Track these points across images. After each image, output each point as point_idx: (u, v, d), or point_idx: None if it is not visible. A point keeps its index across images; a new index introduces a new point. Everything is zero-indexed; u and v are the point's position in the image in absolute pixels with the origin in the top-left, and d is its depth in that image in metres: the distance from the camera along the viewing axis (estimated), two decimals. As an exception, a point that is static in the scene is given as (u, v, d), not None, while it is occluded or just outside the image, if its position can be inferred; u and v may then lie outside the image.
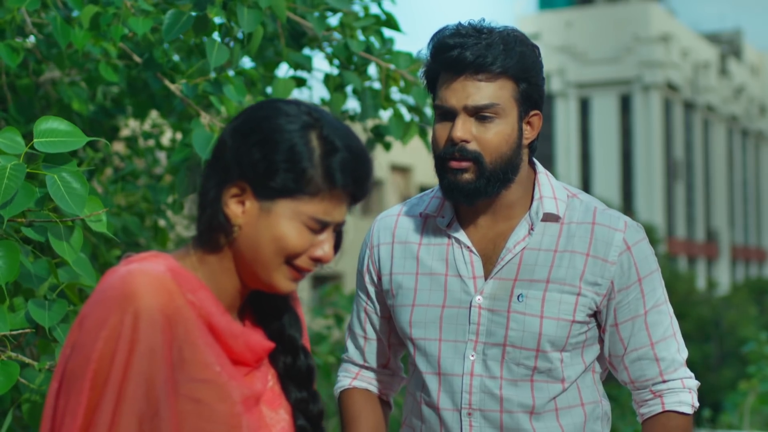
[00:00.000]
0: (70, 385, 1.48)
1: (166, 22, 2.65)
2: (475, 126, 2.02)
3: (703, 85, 48.62)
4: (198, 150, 2.60)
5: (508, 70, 2.01)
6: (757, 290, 34.28)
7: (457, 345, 2.09)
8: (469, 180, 2.02)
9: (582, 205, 2.12)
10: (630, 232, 2.09)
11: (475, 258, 2.10)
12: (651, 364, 2.11)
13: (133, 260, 1.55)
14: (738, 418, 8.16)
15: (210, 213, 1.55)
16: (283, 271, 1.57)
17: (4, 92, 3.22)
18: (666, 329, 2.12)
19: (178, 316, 1.50)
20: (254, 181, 1.53)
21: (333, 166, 1.53)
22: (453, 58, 2.00)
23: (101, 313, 1.48)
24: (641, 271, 2.09)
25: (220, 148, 1.58)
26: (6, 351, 2.14)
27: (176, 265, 1.56)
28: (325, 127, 1.55)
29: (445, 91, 2.03)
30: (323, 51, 3.26)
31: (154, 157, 4.54)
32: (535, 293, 2.06)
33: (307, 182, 1.53)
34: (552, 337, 2.05)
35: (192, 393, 1.50)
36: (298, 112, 1.56)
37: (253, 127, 1.55)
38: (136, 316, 1.47)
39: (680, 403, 2.10)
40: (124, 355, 1.46)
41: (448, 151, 2.03)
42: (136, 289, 1.48)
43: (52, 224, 2.05)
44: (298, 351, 1.68)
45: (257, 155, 1.53)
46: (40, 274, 2.21)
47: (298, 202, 1.53)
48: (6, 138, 1.99)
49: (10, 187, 1.89)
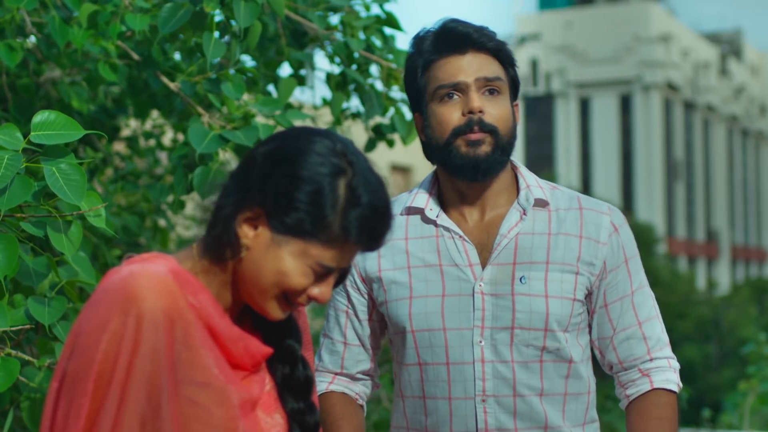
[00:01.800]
0: (73, 387, 1.48)
1: (163, 15, 2.65)
2: (486, 100, 2.09)
3: (704, 85, 48.64)
4: (194, 144, 2.59)
5: (501, 52, 2.12)
6: (758, 290, 34.29)
7: (463, 333, 2.10)
8: (487, 152, 2.07)
9: (564, 195, 2.19)
10: (615, 215, 2.17)
11: (468, 246, 2.12)
12: (639, 343, 2.15)
13: (135, 261, 1.55)
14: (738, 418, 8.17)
15: (221, 228, 1.55)
16: (277, 302, 1.57)
17: (4, 92, 3.22)
18: (650, 309, 2.18)
19: (180, 317, 1.50)
20: (272, 212, 1.52)
21: (351, 221, 1.52)
22: (459, 34, 2.10)
23: (103, 314, 1.48)
24: (628, 252, 2.17)
25: (249, 166, 1.56)
26: (6, 348, 2.13)
27: (178, 266, 1.56)
28: (356, 177, 1.53)
29: (449, 69, 2.09)
30: (324, 50, 3.25)
31: (155, 157, 4.54)
32: (536, 274, 2.09)
33: (323, 229, 1.51)
34: (558, 316, 2.09)
35: (191, 395, 1.50)
36: (333, 152, 1.54)
37: (286, 157, 1.53)
38: (139, 318, 1.47)
39: (668, 381, 2.15)
40: (127, 356, 1.46)
41: (466, 125, 2.08)
42: (138, 291, 1.48)
43: (51, 219, 2.05)
44: (296, 361, 1.68)
45: (282, 188, 1.51)
46: (40, 271, 2.21)
47: (309, 245, 1.52)
48: (5, 134, 1.99)
49: (6, 176, 1.89)
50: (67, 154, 1.98)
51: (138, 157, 4.43)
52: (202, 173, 2.65)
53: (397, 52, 3.10)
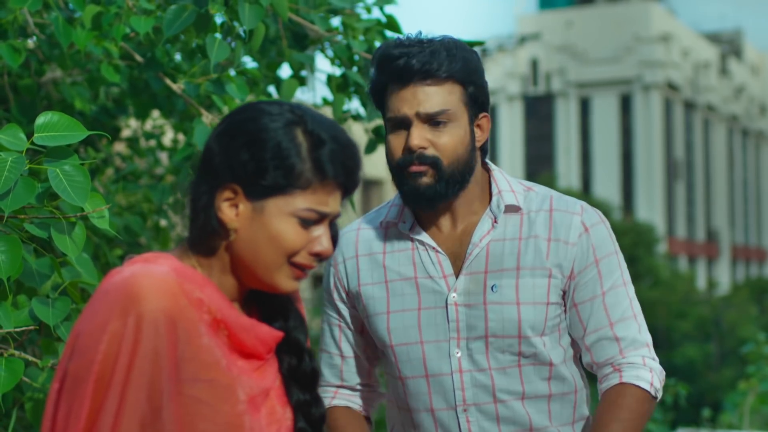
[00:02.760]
0: (73, 388, 1.48)
1: (167, 17, 2.66)
2: (430, 132, 2.04)
3: (704, 85, 48.64)
4: (200, 145, 2.61)
5: (455, 74, 2.05)
6: (757, 290, 34.29)
7: (440, 345, 2.11)
8: (429, 183, 2.05)
9: (538, 196, 2.16)
10: (587, 215, 2.13)
11: (442, 257, 2.12)
12: (611, 344, 2.11)
13: (136, 261, 1.56)
14: (738, 418, 8.16)
15: (204, 219, 1.56)
16: (285, 271, 1.57)
17: (6, 92, 3.23)
18: (625, 310, 2.12)
19: (182, 317, 1.50)
20: (245, 182, 1.54)
21: (322, 159, 1.54)
22: (400, 67, 2.03)
23: (104, 315, 1.48)
24: (598, 253, 2.12)
25: (208, 154, 1.58)
26: (9, 349, 2.14)
27: (179, 264, 1.56)
28: (310, 122, 1.56)
29: (395, 101, 2.06)
30: (324, 52, 3.26)
31: (156, 157, 4.55)
32: (507, 282, 2.09)
33: (297, 176, 1.53)
34: (531, 322, 2.08)
35: (196, 393, 1.51)
36: (280, 110, 1.57)
37: (239, 129, 1.56)
38: (139, 319, 1.47)
39: (638, 378, 2.09)
40: (127, 357, 1.46)
41: (406, 159, 2.05)
42: (139, 292, 1.48)
43: (55, 220, 2.06)
44: (303, 353, 1.68)
45: (245, 156, 1.54)
46: (43, 272, 2.21)
47: (290, 198, 1.54)
48: (8, 135, 1.99)
49: (9, 178, 1.89)
50: (71, 155, 1.99)
51: (139, 157, 4.44)
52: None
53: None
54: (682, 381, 6.74)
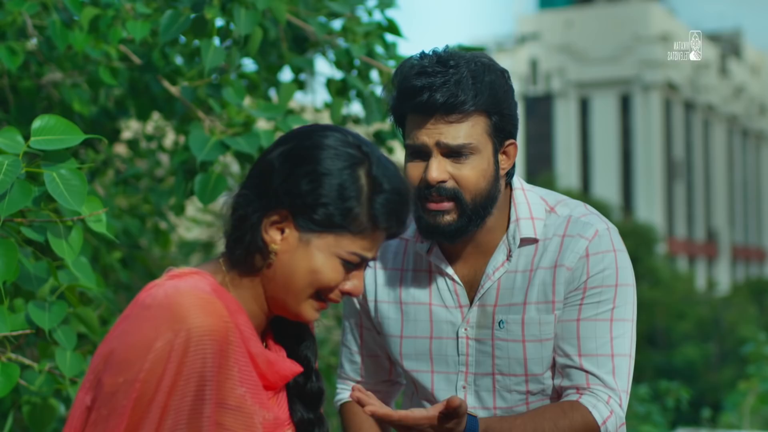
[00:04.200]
0: (109, 404, 1.45)
1: (164, 22, 2.66)
2: (450, 164, 1.94)
3: (703, 85, 48.61)
4: (195, 152, 2.60)
5: (480, 106, 1.93)
6: (757, 290, 34.24)
7: (449, 376, 2.08)
8: (451, 221, 1.95)
9: (558, 219, 2.04)
10: (597, 241, 2.01)
11: (458, 287, 2.06)
12: (579, 374, 1.99)
13: (175, 276, 1.53)
14: (738, 418, 8.15)
15: (251, 238, 1.54)
16: (311, 302, 1.57)
17: (5, 94, 3.22)
18: (600, 346, 1.98)
19: (225, 339, 1.48)
20: (299, 211, 1.53)
21: (379, 208, 1.54)
22: (423, 102, 1.91)
23: (148, 331, 1.45)
24: (590, 282, 1.99)
25: (268, 171, 1.55)
26: (6, 352, 2.13)
27: (218, 285, 1.54)
28: (374, 165, 1.55)
29: (416, 131, 1.95)
30: (325, 56, 3.26)
31: (156, 159, 4.54)
32: (514, 317, 2.02)
33: (352, 221, 1.53)
34: (537, 360, 2.02)
35: (222, 419, 1.49)
36: (348, 145, 1.55)
37: (304, 157, 1.54)
38: (187, 340, 1.44)
39: (595, 407, 1.96)
40: (171, 379, 1.44)
41: (424, 192, 1.95)
42: (186, 310, 1.45)
43: (52, 224, 2.05)
44: (311, 373, 1.68)
45: (306, 187, 1.52)
46: (41, 275, 2.20)
47: (340, 238, 1.54)
48: (6, 137, 1.98)
49: (5, 181, 1.88)
50: (68, 159, 1.98)
51: (139, 159, 4.43)
52: (203, 180, 2.65)
53: (398, 59, 3.10)
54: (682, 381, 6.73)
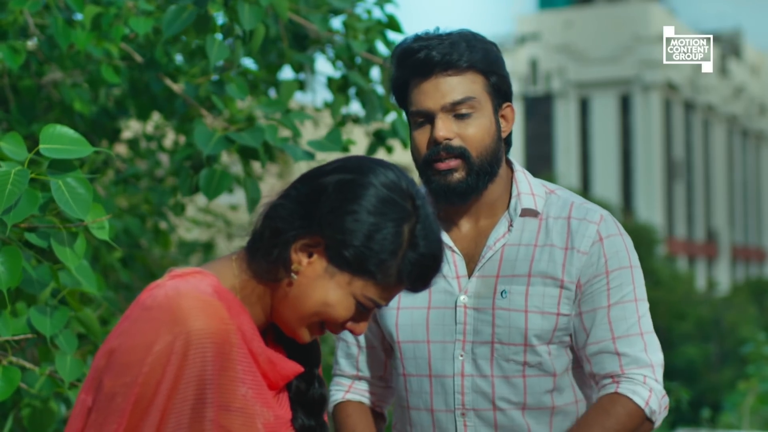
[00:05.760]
0: (108, 405, 1.44)
1: (167, 18, 2.66)
2: (455, 123, 2.04)
3: (703, 85, 48.63)
4: (200, 145, 2.60)
5: (476, 63, 2.05)
6: (757, 290, 34.25)
7: (446, 346, 2.10)
8: (460, 179, 2.04)
9: (559, 201, 2.13)
10: (604, 225, 2.10)
11: (457, 257, 2.11)
12: (612, 358, 2.06)
13: (177, 276, 1.52)
14: (737, 418, 8.16)
15: (279, 252, 1.53)
16: (312, 327, 1.57)
17: (6, 93, 3.22)
18: (631, 326, 2.07)
19: (226, 341, 1.48)
20: (335, 245, 1.52)
21: (408, 266, 1.54)
22: (421, 59, 2.04)
23: (148, 333, 1.44)
24: (610, 264, 2.08)
25: (317, 194, 1.54)
26: (7, 356, 2.13)
27: (220, 285, 1.53)
28: (420, 225, 1.55)
29: (418, 95, 2.05)
30: (325, 53, 3.26)
31: (156, 159, 4.54)
32: (518, 288, 2.07)
33: (383, 271, 1.53)
34: (538, 331, 2.06)
35: (223, 421, 1.48)
36: (403, 196, 1.55)
37: (357, 195, 1.53)
38: (187, 342, 1.43)
39: (634, 393, 2.03)
40: (170, 381, 1.43)
41: (432, 152, 2.05)
42: (186, 313, 1.44)
43: (55, 230, 2.04)
44: (313, 379, 1.67)
45: (349, 226, 1.52)
46: (42, 279, 2.19)
47: (364, 282, 1.54)
48: (9, 143, 1.98)
49: (14, 192, 1.88)
50: (74, 169, 1.97)
51: (139, 159, 4.43)
52: (208, 175, 2.66)
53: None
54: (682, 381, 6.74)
